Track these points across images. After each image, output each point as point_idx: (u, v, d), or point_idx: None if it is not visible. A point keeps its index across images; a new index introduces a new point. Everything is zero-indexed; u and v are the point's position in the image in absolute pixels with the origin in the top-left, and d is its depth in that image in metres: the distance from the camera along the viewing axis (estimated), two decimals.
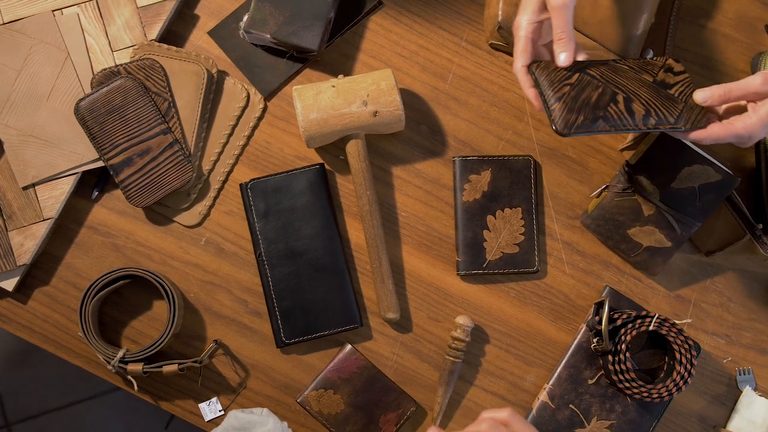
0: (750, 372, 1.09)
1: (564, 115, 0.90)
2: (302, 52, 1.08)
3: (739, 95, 0.89)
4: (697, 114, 0.92)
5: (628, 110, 0.91)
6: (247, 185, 1.08)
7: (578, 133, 0.90)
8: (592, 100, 0.90)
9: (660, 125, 0.91)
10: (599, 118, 0.90)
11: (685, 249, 1.11)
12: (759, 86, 0.88)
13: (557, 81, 0.91)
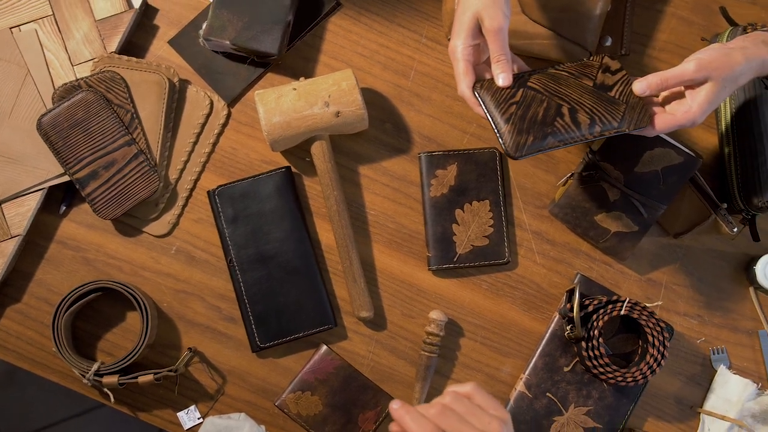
0: (724, 351, 1.10)
1: (514, 137, 0.91)
2: (263, 56, 1.08)
3: (676, 83, 0.90)
4: (639, 112, 0.93)
5: (574, 122, 0.92)
6: (215, 192, 1.08)
7: (530, 154, 0.91)
8: (539, 117, 0.91)
9: (605, 131, 0.92)
10: (548, 135, 0.91)
11: (653, 232, 1.12)
12: (693, 73, 0.89)
13: (503, 101, 0.92)
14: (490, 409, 0.80)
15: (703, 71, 0.90)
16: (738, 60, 0.91)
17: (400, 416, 0.78)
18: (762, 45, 0.93)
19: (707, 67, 0.90)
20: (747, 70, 0.92)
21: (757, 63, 0.92)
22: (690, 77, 0.90)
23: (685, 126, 0.91)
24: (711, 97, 0.90)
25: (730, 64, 0.90)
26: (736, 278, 1.11)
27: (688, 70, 0.90)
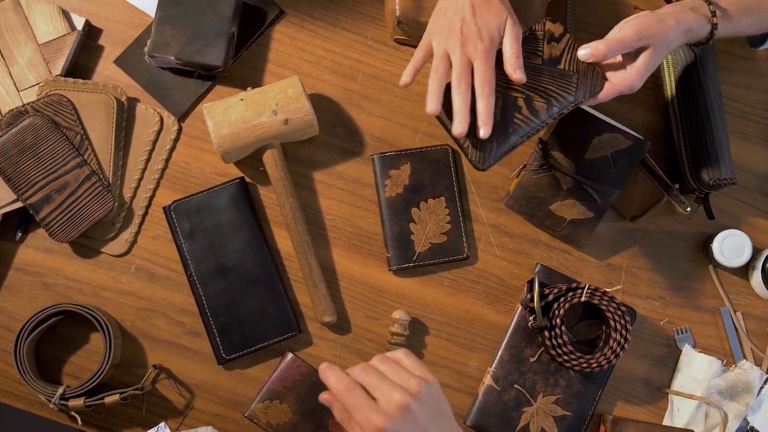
0: (687, 330, 1.11)
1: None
2: (209, 69, 1.09)
3: (620, 50, 0.92)
4: (592, 78, 0.93)
5: (532, 112, 0.92)
6: (170, 208, 1.08)
7: (497, 160, 0.92)
8: (498, 119, 0.92)
9: (564, 109, 0.93)
10: (510, 135, 0.92)
11: (610, 217, 1.12)
12: (634, 40, 0.91)
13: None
14: (416, 370, 0.81)
15: (642, 39, 0.92)
16: (670, 25, 0.93)
17: (325, 375, 0.80)
18: (690, 12, 0.95)
19: (646, 34, 0.92)
20: (678, 35, 0.94)
21: (686, 28, 0.94)
22: (632, 44, 0.92)
23: (625, 92, 0.94)
24: (648, 63, 0.93)
25: (664, 29, 0.93)
26: (695, 257, 1.12)
27: (630, 36, 0.92)
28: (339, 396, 0.79)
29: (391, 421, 0.76)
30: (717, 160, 1.05)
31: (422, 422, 0.78)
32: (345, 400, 0.79)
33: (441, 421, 0.80)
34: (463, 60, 0.90)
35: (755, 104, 1.14)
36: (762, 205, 1.13)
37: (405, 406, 0.77)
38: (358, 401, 0.78)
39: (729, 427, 1.08)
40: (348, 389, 0.78)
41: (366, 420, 0.77)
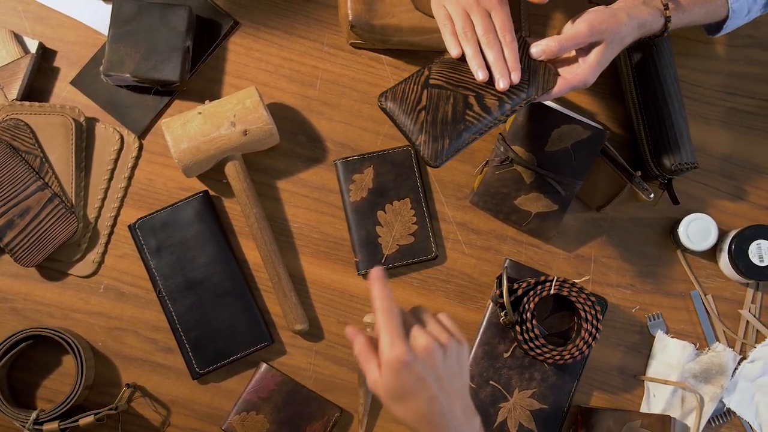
0: (659, 316, 1.11)
1: (430, 146, 0.91)
2: (166, 85, 1.08)
3: (572, 46, 0.92)
4: (544, 75, 0.93)
5: (484, 109, 0.92)
6: (135, 225, 1.08)
7: (450, 157, 0.91)
8: (449, 116, 0.92)
9: (516, 105, 0.92)
10: (462, 132, 0.91)
11: (576, 209, 1.12)
12: (587, 36, 0.91)
13: (410, 109, 0.92)
14: (452, 329, 0.82)
15: (595, 34, 0.92)
16: (623, 20, 0.93)
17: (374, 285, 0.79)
18: (642, 6, 0.95)
19: (598, 29, 0.92)
20: (631, 29, 0.94)
21: (639, 22, 0.95)
22: (585, 40, 0.92)
23: (578, 87, 0.94)
24: (601, 58, 0.93)
25: (617, 24, 0.93)
26: (663, 243, 1.12)
27: (583, 32, 0.91)
28: (377, 311, 0.78)
29: (413, 356, 0.76)
30: (677, 145, 1.05)
31: (440, 372, 0.78)
32: (380, 316, 0.78)
33: (457, 381, 0.80)
34: (482, 13, 0.92)
35: (714, 87, 1.15)
36: (726, 187, 1.13)
37: (430, 351, 0.78)
38: (390, 325, 0.78)
39: (705, 410, 1.08)
40: (389, 309, 0.78)
41: (390, 345, 0.76)
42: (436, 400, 0.78)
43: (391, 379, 0.77)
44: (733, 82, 1.15)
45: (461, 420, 0.80)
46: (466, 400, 0.82)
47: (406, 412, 0.79)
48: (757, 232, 1.06)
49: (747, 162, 1.13)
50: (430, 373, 0.78)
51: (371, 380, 0.79)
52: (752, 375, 1.09)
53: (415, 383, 0.77)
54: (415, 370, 0.77)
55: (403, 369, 0.76)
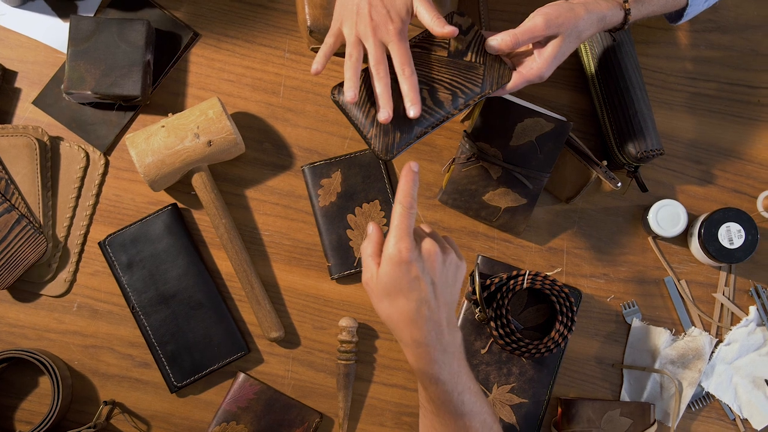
0: (634, 304, 1.11)
1: (381, 139, 0.91)
2: (128, 100, 1.08)
3: (528, 39, 0.92)
4: (499, 69, 0.93)
5: (436, 103, 0.92)
6: (105, 242, 1.08)
7: (401, 151, 0.91)
8: (401, 110, 0.91)
9: (470, 100, 0.93)
10: (414, 125, 0.92)
11: (546, 201, 1.13)
12: (543, 30, 0.91)
13: (363, 102, 0.92)
14: (455, 247, 0.87)
15: (551, 28, 0.92)
16: (581, 14, 0.93)
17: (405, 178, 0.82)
18: (602, 0, 0.95)
19: (555, 23, 0.92)
20: (589, 24, 0.94)
21: (598, 17, 0.94)
22: (541, 33, 0.92)
23: (534, 81, 0.94)
24: (557, 52, 0.93)
25: (574, 18, 0.93)
26: (634, 231, 1.13)
27: (539, 26, 0.91)
28: (397, 204, 0.81)
29: (416, 255, 0.80)
30: (642, 132, 1.06)
31: (436, 278, 0.81)
32: (398, 211, 0.81)
33: (449, 292, 0.83)
34: (377, 44, 0.90)
35: (676, 73, 1.15)
36: (693, 171, 1.13)
37: (432, 255, 0.81)
38: (404, 222, 0.80)
39: (684, 395, 1.08)
40: (409, 207, 0.81)
41: (398, 240, 0.80)
42: (426, 303, 0.80)
43: (389, 272, 0.80)
44: (696, 67, 1.15)
45: (444, 329, 0.82)
46: (451, 314, 0.85)
47: (394, 310, 0.81)
48: (725, 215, 1.06)
49: (713, 146, 1.14)
50: (427, 276, 0.81)
51: (366, 277, 0.83)
52: (729, 357, 1.10)
53: (411, 282, 0.80)
54: (414, 269, 0.80)
55: (403, 265, 0.79)
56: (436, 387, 0.82)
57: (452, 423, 0.84)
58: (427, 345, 0.81)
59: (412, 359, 0.83)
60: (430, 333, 0.81)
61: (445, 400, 0.83)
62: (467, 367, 0.86)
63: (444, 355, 0.82)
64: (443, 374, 0.82)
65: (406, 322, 0.81)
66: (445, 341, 0.82)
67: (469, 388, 0.85)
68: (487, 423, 0.86)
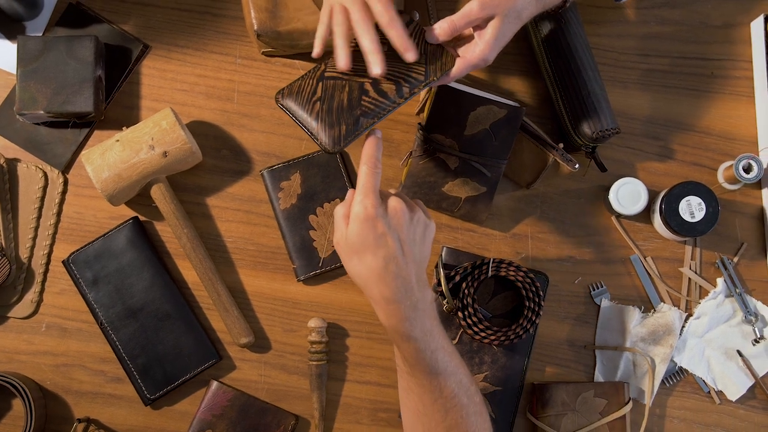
0: (602, 285, 1.11)
1: (327, 133, 0.91)
2: (82, 116, 1.08)
3: (465, 23, 0.91)
4: (441, 57, 0.93)
5: (380, 94, 0.92)
6: (69, 260, 1.08)
7: (348, 143, 0.91)
8: (345, 103, 0.91)
9: (415, 89, 0.92)
10: (359, 117, 0.91)
11: (507, 188, 1.13)
12: (478, 12, 0.90)
13: (306, 101, 0.92)
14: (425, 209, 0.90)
15: (487, 9, 0.91)
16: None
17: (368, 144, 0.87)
18: None
19: (490, 4, 0.91)
20: (527, 3, 0.93)
21: None
22: (476, 16, 0.91)
23: (479, 65, 0.93)
24: (497, 33, 0.92)
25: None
26: (597, 212, 1.13)
27: (473, 9, 0.91)
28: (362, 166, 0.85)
29: (382, 212, 0.82)
30: (596, 112, 1.06)
31: (403, 235, 0.83)
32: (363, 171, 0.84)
33: (417, 250, 0.85)
34: (359, 4, 0.90)
35: (627, 51, 1.15)
36: (651, 148, 1.13)
37: (398, 212, 0.84)
38: (369, 182, 0.84)
39: (657, 372, 1.08)
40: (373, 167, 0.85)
41: (363, 198, 0.82)
42: (394, 260, 0.82)
43: (355, 230, 0.82)
44: (647, 44, 1.15)
45: (414, 286, 0.84)
46: (421, 271, 0.86)
47: (363, 267, 0.83)
48: (684, 189, 1.06)
49: (670, 121, 1.14)
50: (393, 233, 0.82)
51: (336, 237, 0.85)
52: (700, 331, 1.10)
53: (378, 238, 0.82)
54: (380, 226, 0.82)
55: (369, 221, 0.81)
56: (409, 345, 0.83)
57: (427, 382, 0.85)
58: (396, 301, 0.82)
59: (382, 317, 0.84)
60: (399, 289, 0.82)
61: (418, 358, 0.84)
62: (440, 327, 0.87)
63: (415, 312, 0.83)
64: (415, 331, 0.83)
65: (375, 279, 0.82)
66: (415, 298, 0.83)
67: (442, 347, 0.86)
68: (464, 383, 0.87)
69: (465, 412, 0.86)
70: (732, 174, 1.08)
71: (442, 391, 0.85)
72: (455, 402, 0.86)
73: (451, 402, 0.86)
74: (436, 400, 0.86)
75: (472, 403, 0.87)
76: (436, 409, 0.86)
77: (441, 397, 0.86)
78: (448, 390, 0.85)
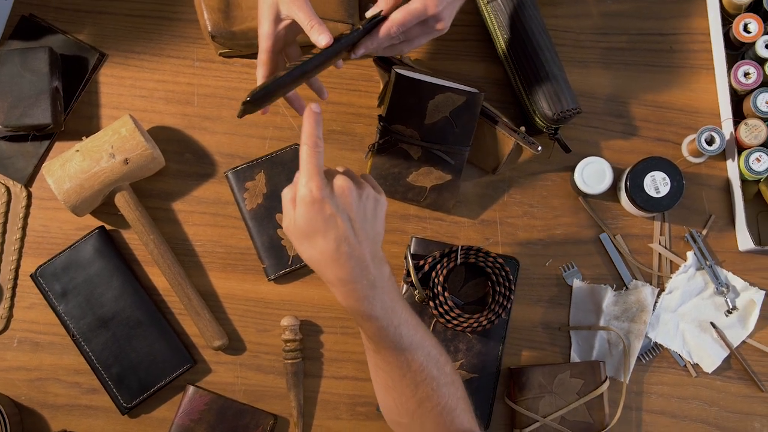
0: (573, 265, 1.11)
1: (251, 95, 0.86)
2: (41, 129, 1.08)
3: None
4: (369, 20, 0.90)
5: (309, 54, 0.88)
6: (36, 274, 1.07)
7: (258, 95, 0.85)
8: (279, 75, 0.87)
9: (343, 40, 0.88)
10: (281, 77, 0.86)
11: (472, 175, 1.12)
12: None
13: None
14: (372, 183, 0.87)
15: None
16: None
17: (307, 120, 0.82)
18: None
19: None
20: None
21: None
22: None
23: (420, 13, 0.87)
24: None
25: None
26: (564, 193, 1.13)
27: None
28: (302, 146, 0.81)
29: (328, 192, 0.79)
30: (556, 94, 1.05)
31: (352, 214, 0.81)
32: (304, 151, 0.81)
33: (369, 227, 0.83)
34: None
35: (585, 30, 1.15)
36: (615, 126, 1.13)
37: (345, 191, 0.81)
38: (312, 161, 0.80)
39: (633, 349, 1.08)
40: (314, 145, 0.81)
41: (307, 180, 0.79)
42: (346, 240, 0.80)
43: (303, 214, 0.80)
44: (604, 22, 1.15)
45: (369, 264, 0.82)
46: (376, 248, 0.84)
47: (315, 251, 0.81)
48: (648, 165, 1.06)
49: (632, 98, 1.14)
50: (342, 213, 0.80)
51: (285, 222, 0.83)
52: (673, 305, 1.10)
53: (326, 220, 0.79)
54: (328, 207, 0.79)
55: (316, 204, 0.79)
56: (371, 323, 0.83)
57: (393, 359, 0.84)
58: (353, 282, 0.81)
59: (341, 298, 0.83)
60: (354, 269, 0.81)
61: (382, 335, 0.83)
62: (403, 301, 0.86)
63: (373, 291, 0.82)
64: (375, 310, 0.82)
65: (328, 261, 0.80)
66: (372, 276, 0.81)
67: (406, 321, 0.85)
68: (432, 355, 0.86)
69: (435, 383, 0.85)
70: (696, 147, 1.08)
71: (410, 366, 0.84)
72: (424, 375, 0.85)
73: (420, 375, 0.85)
74: (404, 375, 0.85)
75: (442, 374, 0.86)
76: (406, 384, 0.85)
77: (410, 372, 0.85)
78: (416, 364, 0.84)
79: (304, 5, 0.89)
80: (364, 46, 0.90)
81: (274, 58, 0.94)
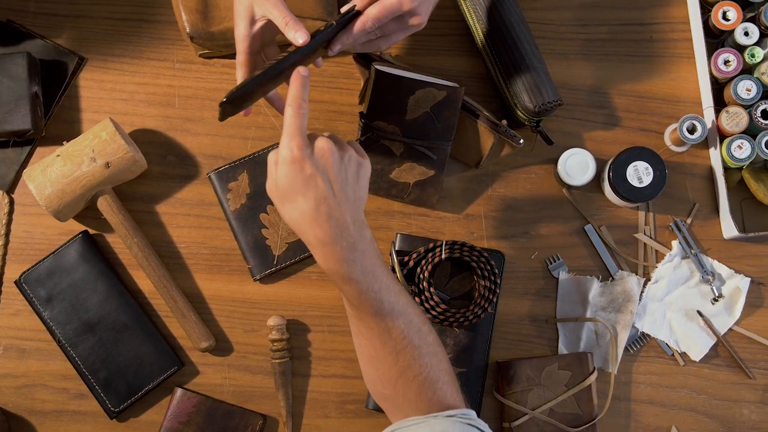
0: (558, 258, 1.11)
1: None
2: (21, 135, 1.07)
3: None
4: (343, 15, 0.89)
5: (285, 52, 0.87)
6: (20, 280, 1.07)
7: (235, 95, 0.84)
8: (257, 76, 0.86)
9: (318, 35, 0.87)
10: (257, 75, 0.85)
11: (456, 170, 1.12)
12: None
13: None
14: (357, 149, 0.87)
15: None
16: None
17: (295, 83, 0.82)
18: None
19: None
20: None
21: None
22: None
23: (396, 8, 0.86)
24: None
25: None
26: (548, 185, 1.13)
27: None
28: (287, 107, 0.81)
29: (308, 153, 0.80)
30: (537, 86, 1.05)
31: (333, 176, 0.81)
32: (288, 113, 0.81)
33: (350, 190, 0.83)
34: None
35: (566, 22, 1.15)
36: (598, 117, 1.13)
37: (326, 152, 0.81)
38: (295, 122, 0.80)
39: (620, 339, 1.08)
40: (299, 107, 0.81)
41: (289, 140, 0.79)
42: (325, 201, 0.80)
43: (284, 174, 0.80)
44: (584, 14, 1.15)
45: (349, 226, 0.81)
46: (357, 212, 0.84)
47: (295, 212, 0.81)
48: (630, 155, 1.06)
49: (614, 89, 1.14)
50: (322, 173, 0.80)
51: (268, 184, 0.83)
52: (659, 295, 1.10)
53: (307, 180, 0.79)
54: (308, 167, 0.79)
55: (297, 163, 0.79)
56: (350, 287, 0.82)
57: (374, 324, 0.84)
58: (332, 243, 0.80)
59: (320, 260, 0.82)
60: (333, 230, 0.80)
61: (362, 300, 0.83)
62: (384, 267, 0.85)
63: (353, 253, 0.81)
64: (355, 273, 0.81)
65: (308, 221, 0.80)
66: (352, 238, 0.81)
67: (387, 287, 0.84)
68: (414, 323, 0.86)
69: (417, 353, 0.85)
70: (678, 136, 1.08)
71: (390, 333, 0.84)
72: (405, 343, 0.84)
73: (401, 343, 0.84)
74: (385, 342, 0.84)
75: (424, 344, 0.86)
76: (387, 352, 0.84)
77: (390, 339, 0.84)
78: (397, 331, 0.84)
79: (279, 3, 0.88)
80: (340, 42, 0.90)
81: (252, 58, 0.94)
